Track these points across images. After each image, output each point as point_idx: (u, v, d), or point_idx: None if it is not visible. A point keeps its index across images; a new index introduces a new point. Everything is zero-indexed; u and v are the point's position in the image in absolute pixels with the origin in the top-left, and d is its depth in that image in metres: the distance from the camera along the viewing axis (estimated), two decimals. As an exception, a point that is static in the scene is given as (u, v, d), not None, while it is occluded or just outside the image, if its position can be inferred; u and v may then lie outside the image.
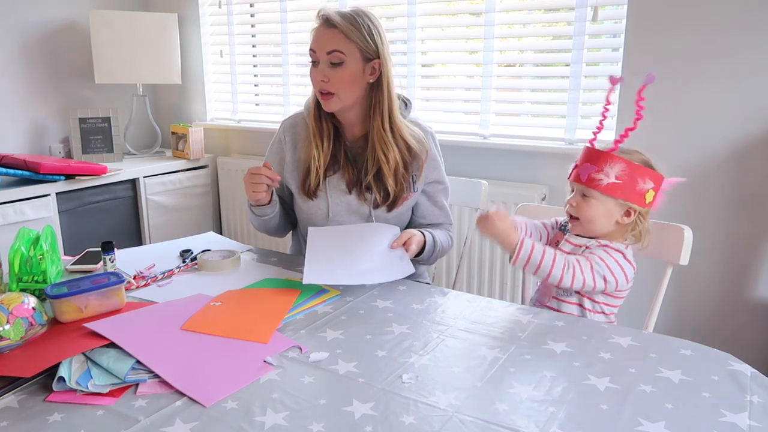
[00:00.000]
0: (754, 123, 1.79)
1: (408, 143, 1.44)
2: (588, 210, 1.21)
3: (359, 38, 1.36)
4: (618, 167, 1.17)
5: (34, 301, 0.98)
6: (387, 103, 1.41)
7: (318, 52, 1.38)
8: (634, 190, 1.17)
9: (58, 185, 2.30)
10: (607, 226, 1.22)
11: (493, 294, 2.22)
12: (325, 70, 1.38)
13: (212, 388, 0.86)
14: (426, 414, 0.81)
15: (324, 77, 1.38)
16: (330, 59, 1.37)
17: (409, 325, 1.09)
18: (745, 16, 1.74)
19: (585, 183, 1.20)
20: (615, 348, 1.00)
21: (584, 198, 1.21)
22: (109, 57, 2.67)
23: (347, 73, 1.37)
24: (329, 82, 1.38)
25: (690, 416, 0.80)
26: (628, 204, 1.19)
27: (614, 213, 1.20)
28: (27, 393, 0.86)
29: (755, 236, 1.85)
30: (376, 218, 1.48)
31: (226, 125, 2.95)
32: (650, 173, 1.18)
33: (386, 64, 1.40)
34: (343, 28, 1.35)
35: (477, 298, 1.22)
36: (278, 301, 1.17)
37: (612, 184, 1.17)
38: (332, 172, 1.47)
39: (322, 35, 1.38)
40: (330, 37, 1.36)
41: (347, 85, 1.38)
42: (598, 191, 1.18)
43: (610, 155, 1.18)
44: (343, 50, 1.36)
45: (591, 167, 1.19)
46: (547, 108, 2.22)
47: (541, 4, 2.14)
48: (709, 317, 1.96)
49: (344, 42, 1.36)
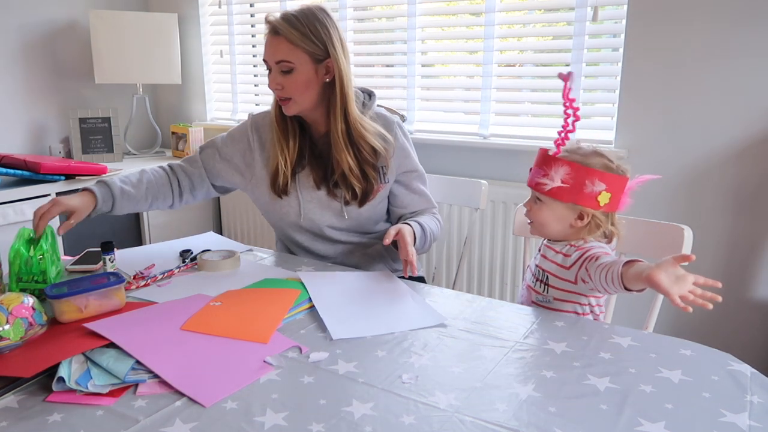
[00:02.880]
0: (754, 123, 1.79)
1: (369, 143, 1.43)
2: (539, 214, 1.21)
3: (305, 43, 1.35)
4: (563, 170, 1.15)
5: (33, 302, 0.98)
6: (341, 102, 1.39)
7: (268, 61, 1.39)
8: (581, 193, 1.14)
9: (58, 185, 2.30)
10: (560, 229, 1.21)
11: (493, 294, 2.22)
12: (277, 77, 1.38)
13: (212, 388, 0.86)
14: (426, 414, 0.81)
15: (277, 85, 1.38)
16: (280, 68, 1.37)
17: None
18: (746, 16, 1.74)
19: (533, 187, 1.20)
20: (615, 348, 1.00)
21: (536, 202, 1.21)
22: (109, 57, 2.67)
23: (299, 79, 1.37)
24: (283, 89, 1.38)
25: (690, 416, 0.80)
26: (579, 207, 1.17)
27: (566, 216, 1.18)
28: (27, 393, 0.86)
29: (755, 236, 1.85)
30: (348, 214, 1.48)
31: (226, 125, 2.95)
32: (600, 174, 1.14)
33: (339, 62, 1.38)
34: (287, 35, 1.35)
35: (477, 298, 1.22)
36: (278, 301, 1.17)
37: (557, 188, 1.15)
38: (300, 168, 1.47)
39: (269, 44, 1.38)
40: (276, 46, 1.37)
41: (301, 90, 1.38)
42: (545, 195, 1.18)
43: (555, 158, 1.16)
44: (290, 59, 1.36)
45: (539, 171, 1.18)
46: (547, 108, 2.22)
47: (541, 4, 2.14)
48: (709, 317, 1.96)
49: (290, 50, 1.35)
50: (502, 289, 2.22)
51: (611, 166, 1.17)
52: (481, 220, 2.19)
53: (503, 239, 2.18)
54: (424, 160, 1.59)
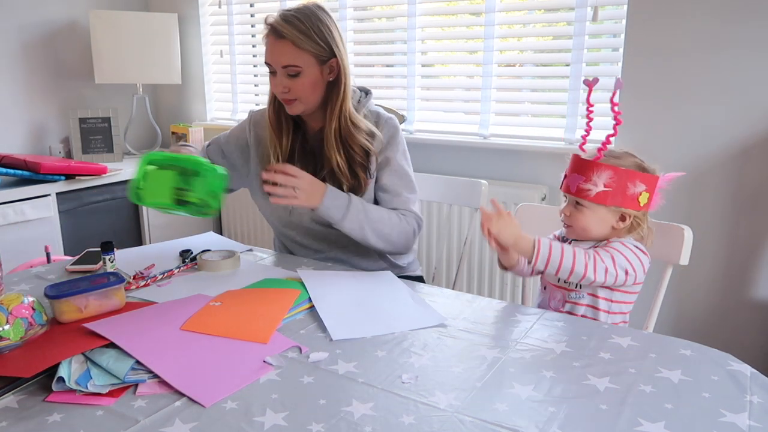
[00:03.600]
0: (754, 123, 1.79)
1: (360, 143, 1.41)
2: (581, 219, 1.20)
3: (311, 46, 1.33)
4: (605, 175, 1.16)
5: (33, 302, 0.99)
6: (341, 102, 1.39)
7: (273, 64, 1.36)
8: (625, 195, 1.16)
9: (58, 185, 2.30)
10: (602, 232, 1.21)
11: (493, 294, 2.22)
12: (284, 81, 1.36)
13: (212, 388, 0.86)
14: (426, 414, 0.81)
15: (284, 88, 1.36)
16: (286, 72, 1.35)
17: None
18: (746, 16, 1.74)
19: (575, 194, 1.20)
20: (615, 348, 1.00)
21: (576, 207, 1.21)
22: (109, 57, 2.67)
23: (307, 81, 1.36)
24: (290, 91, 1.36)
25: (690, 416, 0.80)
26: (621, 209, 1.18)
27: (608, 219, 1.20)
28: (26, 393, 0.86)
29: (755, 236, 1.85)
30: None
31: (226, 125, 2.95)
32: (640, 176, 1.16)
33: (343, 61, 1.37)
34: (293, 39, 1.32)
35: (477, 298, 1.22)
36: (278, 301, 1.17)
37: (601, 192, 1.16)
38: (291, 163, 1.44)
39: (274, 48, 1.35)
40: (282, 50, 1.34)
41: (308, 91, 1.37)
42: (589, 201, 1.18)
43: (596, 164, 1.17)
44: (297, 63, 1.33)
45: (579, 177, 1.19)
46: (547, 108, 2.22)
47: (541, 4, 2.14)
48: (709, 317, 1.96)
49: (296, 53, 1.33)
50: (502, 289, 2.22)
51: (644, 166, 1.19)
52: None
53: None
54: (424, 160, 1.58)
